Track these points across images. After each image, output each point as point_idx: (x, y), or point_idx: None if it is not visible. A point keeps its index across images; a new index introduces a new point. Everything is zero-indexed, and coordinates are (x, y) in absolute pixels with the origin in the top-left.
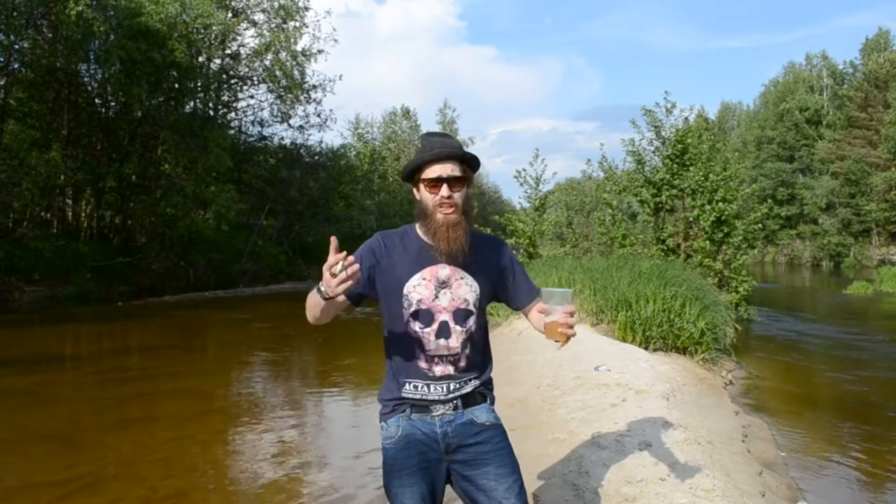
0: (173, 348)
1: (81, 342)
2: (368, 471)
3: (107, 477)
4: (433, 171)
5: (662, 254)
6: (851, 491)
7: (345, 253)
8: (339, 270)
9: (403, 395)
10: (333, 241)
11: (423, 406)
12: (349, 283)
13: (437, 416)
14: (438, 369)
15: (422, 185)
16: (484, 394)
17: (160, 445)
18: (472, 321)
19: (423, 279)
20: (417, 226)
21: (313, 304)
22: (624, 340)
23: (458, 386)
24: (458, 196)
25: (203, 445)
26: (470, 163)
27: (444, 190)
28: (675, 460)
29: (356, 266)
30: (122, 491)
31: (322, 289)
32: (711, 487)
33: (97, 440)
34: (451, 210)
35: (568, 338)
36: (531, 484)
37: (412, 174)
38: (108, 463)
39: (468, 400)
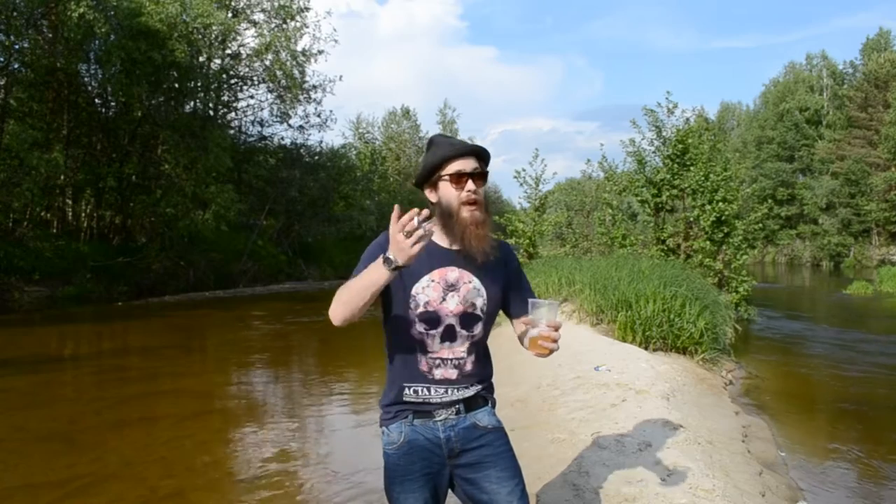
0: (173, 348)
1: (81, 342)
2: (368, 471)
3: (107, 477)
4: (456, 166)
5: (662, 254)
6: (851, 491)
7: (416, 209)
8: (415, 226)
9: (405, 400)
10: (397, 208)
11: (425, 412)
12: (427, 237)
13: (440, 420)
14: (439, 372)
15: (443, 182)
16: (486, 397)
17: (160, 445)
18: (479, 327)
19: (432, 281)
20: None
21: (361, 289)
22: (624, 340)
23: (459, 389)
24: (481, 192)
25: (203, 445)
26: (486, 159)
27: (471, 184)
28: (675, 460)
29: (433, 219)
30: (122, 491)
31: (391, 257)
32: (711, 487)
33: (97, 440)
34: (476, 206)
35: (550, 351)
36: (531, 484)
37: (430, 174)
38: (108, 463)
39: (470, 404)
